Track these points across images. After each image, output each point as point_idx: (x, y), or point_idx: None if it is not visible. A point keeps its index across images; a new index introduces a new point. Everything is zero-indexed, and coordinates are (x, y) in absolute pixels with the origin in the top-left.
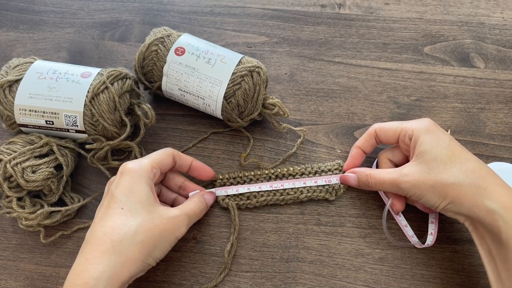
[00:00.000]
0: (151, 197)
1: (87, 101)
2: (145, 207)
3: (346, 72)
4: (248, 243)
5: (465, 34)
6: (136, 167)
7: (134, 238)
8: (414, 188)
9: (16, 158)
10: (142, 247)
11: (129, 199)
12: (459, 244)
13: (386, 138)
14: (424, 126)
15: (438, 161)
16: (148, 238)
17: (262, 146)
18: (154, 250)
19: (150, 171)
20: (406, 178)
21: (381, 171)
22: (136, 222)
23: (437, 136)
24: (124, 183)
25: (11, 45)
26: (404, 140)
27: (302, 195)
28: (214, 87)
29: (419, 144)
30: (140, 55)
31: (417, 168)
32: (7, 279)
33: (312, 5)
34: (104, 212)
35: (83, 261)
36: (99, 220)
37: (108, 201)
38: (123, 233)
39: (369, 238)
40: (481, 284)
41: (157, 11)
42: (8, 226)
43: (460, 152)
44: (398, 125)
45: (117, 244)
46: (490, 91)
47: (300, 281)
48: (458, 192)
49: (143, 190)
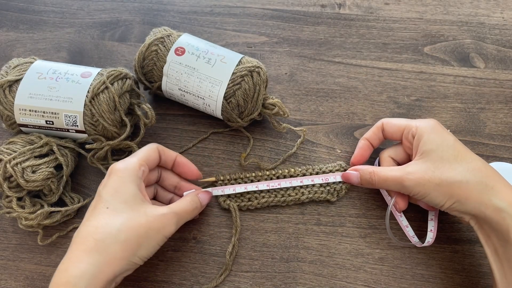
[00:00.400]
0: (137, 196)
1: (87, 101)
2: (131, 206)
3: (346, 72)
4: (248, 243)
5: (465, 34)
6: (122, 167)
7: (117, 237)
8: (419, 186)
9: (16, 158)
10: (126, 245)
11: (114, 199)
12: (459, 244)
13: (391, 133)
14: (429, 125)
15: (444, 160)
16: (132, 237)
17: (262, 146)
18: (140, 249)
19: (138, 169)
20: (411, 176)
21: (384, 169)
22: (119, 221)
23: (442, 135)
24: (111, 183)
25: (11, 45)
26: (408, 137)
27: (303, 196)
28: (214, 87)
29: (424, 143)
30: (140, 55)
31: (422, 166)
32: (7, 279)
33: (312, 5)
34: (90, 212)
35: (66, 260)
36: (85, 220)
37: (95, 202)
38: (106, 232)
39: (369, 238)
40: (481, 284)
41: (157, 11)
42: (8, 226)
43: (465, 152)
44: (404, 122)
45: (100, 243)
46: (490, 91)
47: (300, 281)
48: (464, 190)
49: (129, 189)
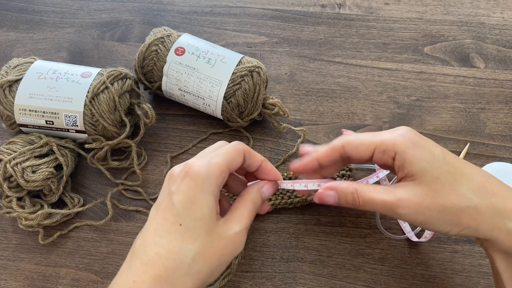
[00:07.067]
0: (213, 212)
1: (87, 101)
2: (207, 226)
3: (346, 72)
4: (248, 243)
5: (465, 34)
6: (203, 171)
7: (191, 268)
8: (417, 215)
9: (16, 158)
10: (198, 277)
11: (189, 214)
12: (459, 244)
13: (356, 155)
14: (408, 139)
15: (442, 181)
16: (205, 268)
17: (262, 146)
18: (209, 278)
19: (219, 177)
20: (405, 204)
21: (370, 189)
22: (194, 249)
23: (427, 149)
24: (186, 190)
25: (11, 45)
26: (382, 158)
27: (309, 197)
28: (214, 87)
29: (411, 163)
30: (140, 55)
31: (417, 191)
32: (7, 279)
33: (312, 5)
34: (160, 223)
35: (131, 283)
36: (153, 232)
37: (165, 208)
38: (179, 260)
39: (369, 238)
40: (481, 284)
41: (157, 11)
42: (8, 226)
43: (460, 165)
44: (371, 138)
45: (171, 273)
46: (490, 91)
47: (300, 281)
48: (474, 217)
49: (207, 203)
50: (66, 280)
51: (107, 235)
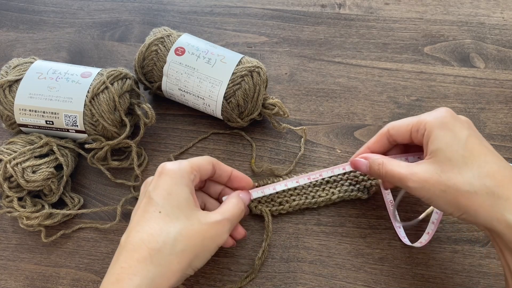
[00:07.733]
0: (190, 201)
1: (87, 101)
2: (184, 211)
3: (346, 72)
4: (248, 243)
5: (465, 34)
6: (175, 167)
7: (174, 247)
8: (423, 190)
9: (16, 158)
10: (183, 256)
11: (167, 202)
12: (459, 244)
13: (399, 136)
14: (439, 119)
15: (453, 163)
16: (189, 247)
17: (262, 146)
18: (195, 260)
19: (190, 173)
20: (415, 178)
21: (394, 163)
22: (175, 229)
23: (454, 131)
24: (163, 185)
25: (11, 45)
26: (417, 137)
27: (334, 196)
28: (214, 87)
29: (432, 141)
30: (140, 55)
31: (428, 168)
32: (7, 279)
33: (312, 5)
34: (140, 215)
35: (118, 270)
36: (135, 224)
37: (145, 204)
38: (162, 241)
39: (369, 238)
40: (481, 284)
41: (157, 11)
42: (8, 226)
43: (479, 152)
44: (411, 119)
45: (156, 253)
46: (490, 91)
47: (300, 281)
48: (472, 202)
49: (182, 193)
50: (66, 280)
51: (107, 235)
